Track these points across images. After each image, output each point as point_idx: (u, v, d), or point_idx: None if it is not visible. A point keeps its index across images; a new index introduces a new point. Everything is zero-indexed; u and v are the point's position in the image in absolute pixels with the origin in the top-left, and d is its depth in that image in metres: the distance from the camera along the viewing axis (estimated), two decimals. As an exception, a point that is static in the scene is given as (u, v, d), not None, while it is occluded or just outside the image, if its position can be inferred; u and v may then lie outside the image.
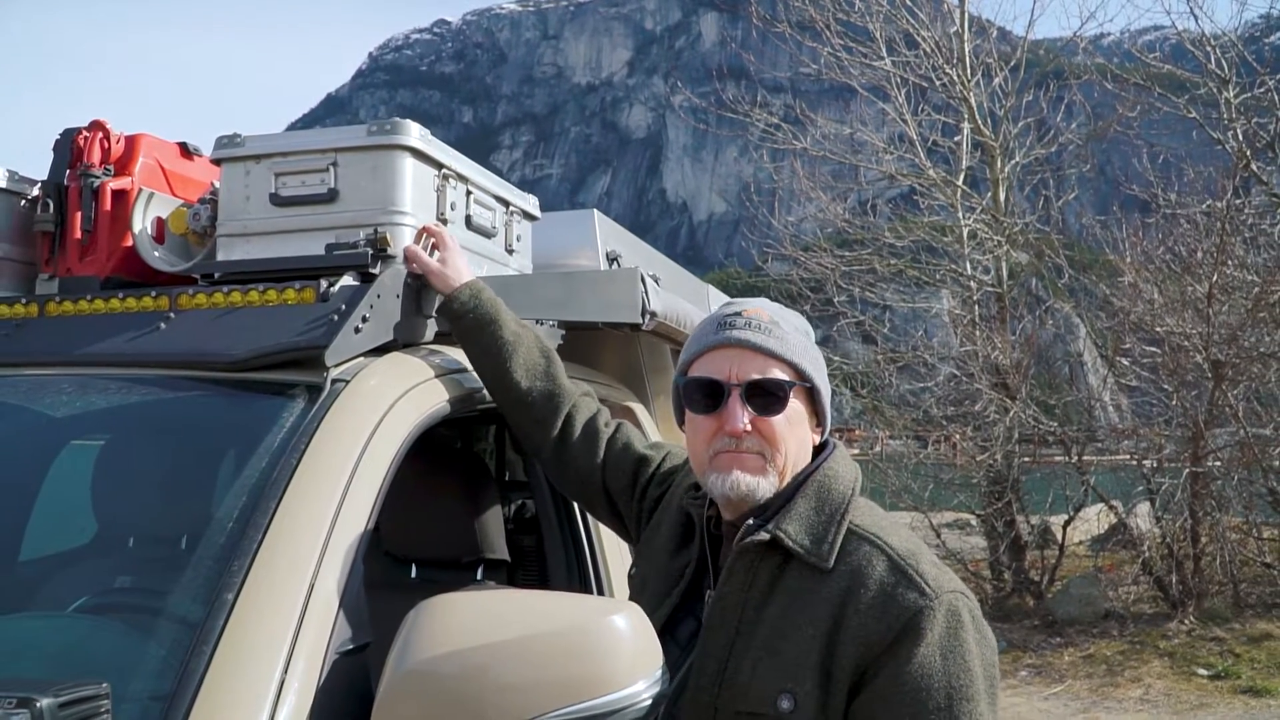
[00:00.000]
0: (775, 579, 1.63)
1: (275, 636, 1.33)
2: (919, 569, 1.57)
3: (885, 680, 1.51)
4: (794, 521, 1.63)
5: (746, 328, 1.70)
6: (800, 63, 13.96)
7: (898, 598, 1.54)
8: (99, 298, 2.07)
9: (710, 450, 1.69)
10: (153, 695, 1.27)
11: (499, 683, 1.29)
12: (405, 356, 1.98)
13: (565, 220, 2.95)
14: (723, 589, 1.65)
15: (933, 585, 1.55)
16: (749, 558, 1.64)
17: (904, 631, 1.51)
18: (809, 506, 1.66)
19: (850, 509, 1.66)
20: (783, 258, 13.55)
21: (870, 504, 1.73)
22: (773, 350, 1.68)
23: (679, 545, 1.82)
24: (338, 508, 1.52)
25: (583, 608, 1.39)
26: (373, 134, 2.06)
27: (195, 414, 1.89)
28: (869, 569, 1.57)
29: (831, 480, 1.70)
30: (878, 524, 1.66)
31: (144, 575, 1.69)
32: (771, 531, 1.62)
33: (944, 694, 1.48)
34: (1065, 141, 12.86)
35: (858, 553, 1.60)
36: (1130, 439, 11.21)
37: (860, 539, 1.62)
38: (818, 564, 1.59)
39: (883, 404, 12.50)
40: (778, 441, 1.67)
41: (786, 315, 1.78)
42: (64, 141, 2.38)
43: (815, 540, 1.62)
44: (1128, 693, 7.89)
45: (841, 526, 1.63)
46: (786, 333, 1.72)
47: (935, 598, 1.53)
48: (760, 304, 1.79)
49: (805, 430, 1.73)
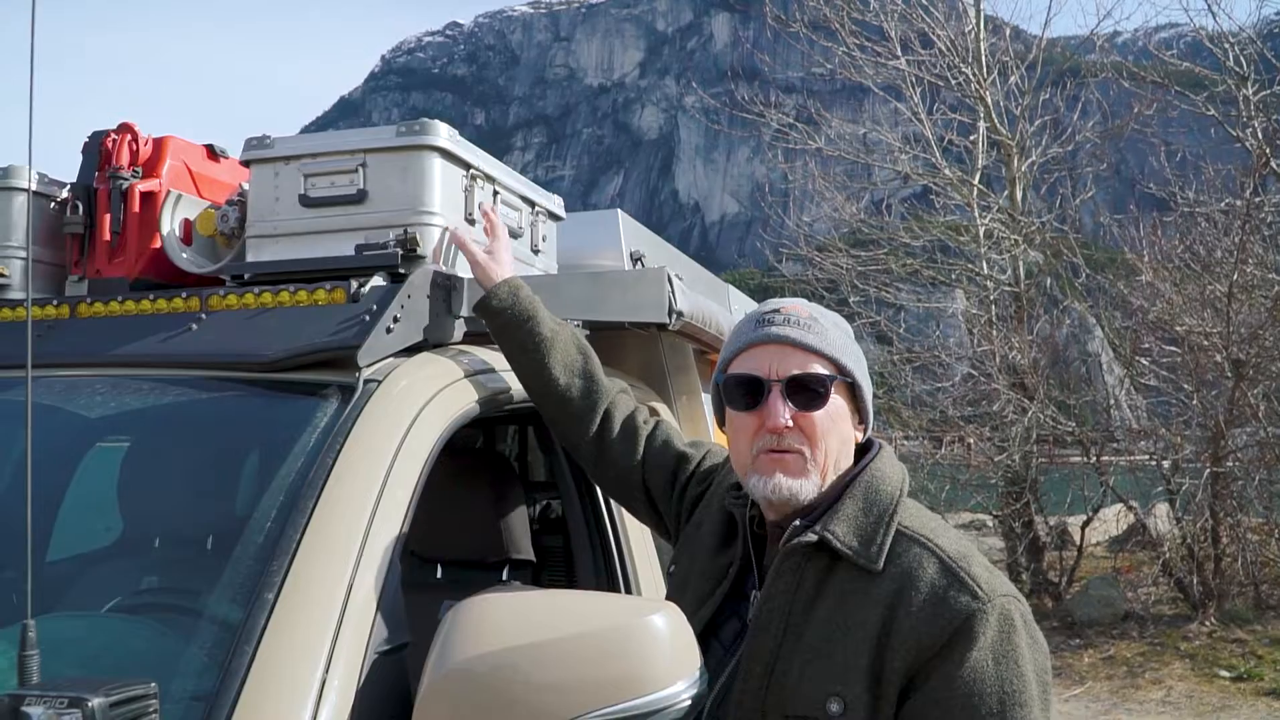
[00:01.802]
0: (823, 581, 1.61)
1: (316, 636, 1.33)
2: (971, 572, 1.55)
3: (937, 684, 1.49)
4: (842, 523, 1.62)
5: (785, 324, 1.69)
6: (814, 62, 13.93)
7: (950, 601, 1.52)
8: (130, 299, 2.08)
9: (753, 449, 1.67)
10: (195, 695, 1.27)
11: (538, 683, 1.29)
12: (435, 357, 1.98)
13: (589, 220, 2.96)
14: (769, 590, 1.63)
15: (985, 588, 1.53)
16: (796, 559, 1.62)
17: (956, 635, 1.50)
18: (857, 507, 1.64)
19: (899, 510, 1.64)
20: (797, 258, 13.52)
21: (918, 505, 1.70)
22: (812, 345, 1.67)
23: (721, 545, 1.81)
24: (374, 507, 1.52)
25: (621, 607, 1.39)
26: (402, 134, 2.06)
27: (229, 414, 1.90)
28: (920, 571, 1.56)
29: (879, 481, 1.68)
30: (927, 525, 1.64)
31: (181, 575, 1.69)
32: (819, 533, 1.60)
33: (997, 698, 1.47)
34: (1082, 140, 12.79)
35: (907, 554, 1.58)
36: (1149, 439, 11.13)
37: (910, 540, 1.60)
38: (867, 565, 1.58)
39: (898, 404, 12.45)
40: (819, 437, 1.65)
41: (826, 313, 1.77)
42: (92, 144, 2.39)
43: (864, 542, 1.60)
44: (1149, 694, 7.84)
45: (890, 528, 1.61)
46: (826, 328, 1.71)
47: (988, 601, 1.52)
48: (798, 302, 1.77)
49: (847, 426, 1.71)
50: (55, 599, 1.78)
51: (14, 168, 2.37)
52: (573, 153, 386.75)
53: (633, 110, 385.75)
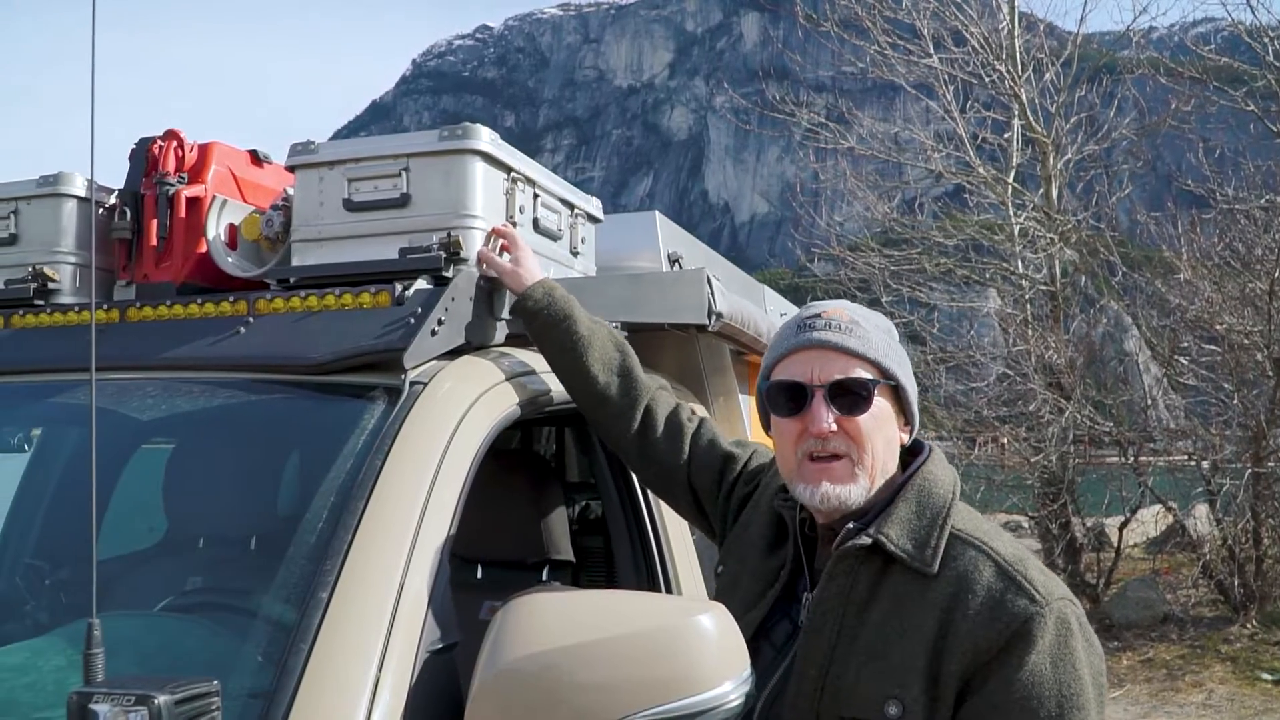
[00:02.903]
0: (877, 584, 1.61)
1: (369, 635, 1.35)
2: (1028, 575, 1.55)
3: (995, 687, 1.50)
4: (895, 525, 1.62)
5: (827, 328, 1.69)
6: (844, 61, 13.86)
7: (1007, 604, 1.52)
8: (178, 303, 2.11)
9: (798, 454, 1.68)
10: (251, 693, 1.29)
11: (587, 683, 1.30)
12: (478, 359, 2.00)
13: (627, 222, 2.97)
14: (822, 593, 1.64)
15: (1043, 592, 1.53)
16: (849, 562, 1.62)
17: (1014, 638, 1.50)
18: (910, 510, 1.64)
19: (952, 513, 1.64)
20: (828, 257, 13.46)
21: (970, 509, 1.71)
22: (854, 349, 1.67)
23: (771, 547, 1.81)
24: (423, 508, 1.54)
25: (669, 608, 1.39)
26: (444, 139, 2.08)
27: (278, 415, 1.92)
28: (976, 574, 1.56)
29: (932, 484, 1.68)
30: (981, 529, 1.64)
31: (232, 575, 1.72)
32: (873, 536, 1.60)
33: (1055, 702, 1.47)
34: (1118, 137, 12.63)
35: (963, 558, 1.59)
36: (1187, 439, 10.98)
37: (964, 544, 1.60)
38: (921, 569, 1.58)
39: (931, 404, 12.36)
40: (864, 441, 1.65)
41: (868, 315, 1.76)
42: (139, 150, 2.43)
43: (918, 545, 1.60)
44: (1189, 697, 7.74)
45: (944, 531, 1.61)
46: (868, 331, 1.70)
47: (1045, 605, 1.52)
48: (840, 305, 1.77)
49: (893, 429, 1.71)
50: (105, 598, 1.82)
51: (64, 174, 2.41)
52: (602, 154, 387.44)
53: (662, 111, 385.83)
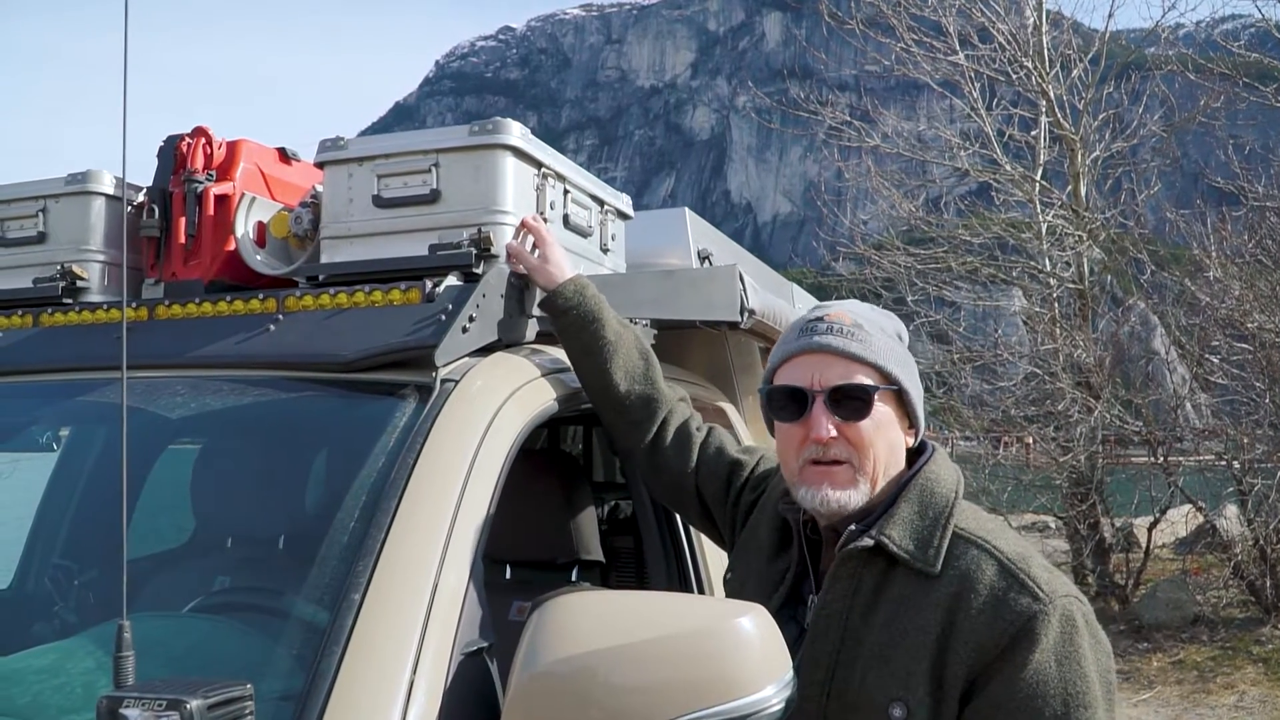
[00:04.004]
0: (880, 585, 1.60)
1: (403, 636, 1.32)
2: (1030, 573, 1.54)
3: (999, 687, 1.48)
4: (898, 526, 1.61)
5: (828, 332, 1.67)
6: (869, 59, 13.76)
7: (1010, 603, 1.50)
8: (207, 301, 2.09)
9: (799, 460, 1.67)
10: (284, 695, 1.27)
11: (626, 685, 1.27)
12: (509, 356, 1.98)
13: (656, 219, 2.94)
14: (826, 596, 1.63)
15: (1046, 589, 1.52)
16: (852, 564, 1.62)
17: (1018, 637, 1.48)
18: (912, 510, 1.63)
19: (955, 512, 1.63)
20: (852, 257, 13.36)
21: (974, 507, 1.69)
22: (855, 354, 1.65)
23: (777, 550, 1.80)
24: (456, 507, 1.51)
25: (708, 610, 1.36)
26: (474, 134, 2.06)
27: (308, 414, 1.90)
28: (978, 573, 1.55)
29: (934, 483, 1.67)
30: (984, 527, 1.63)
31: (263, 575, 1.70)
32: (875, 537, 1.59)
33: (1060, 700, 1.45)
34: (1146, 134, 12.48)
35: (965, 557, 1.57)
36: (1217, 439, 10.85)
37: (967, 543, 1.59)
38: (924, 569, 1.57)
39: (957, 404, 12.26)
40: (865, 447, 1.64)
41: (874, 317, 1.74)
42: (168, 148, 2.41)
43: (920, 545, 1.59)
44: (1220, 700, 7.63)
45: (947, 530, 1.60)
46: (871, 335, 1.69)
47: (1049, 602, 1.50)
48: (846, 307, 1.75)
49: (896, 433, 1.69)
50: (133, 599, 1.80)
51: (93, 172, 2.41)
52: (625, 154, 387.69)
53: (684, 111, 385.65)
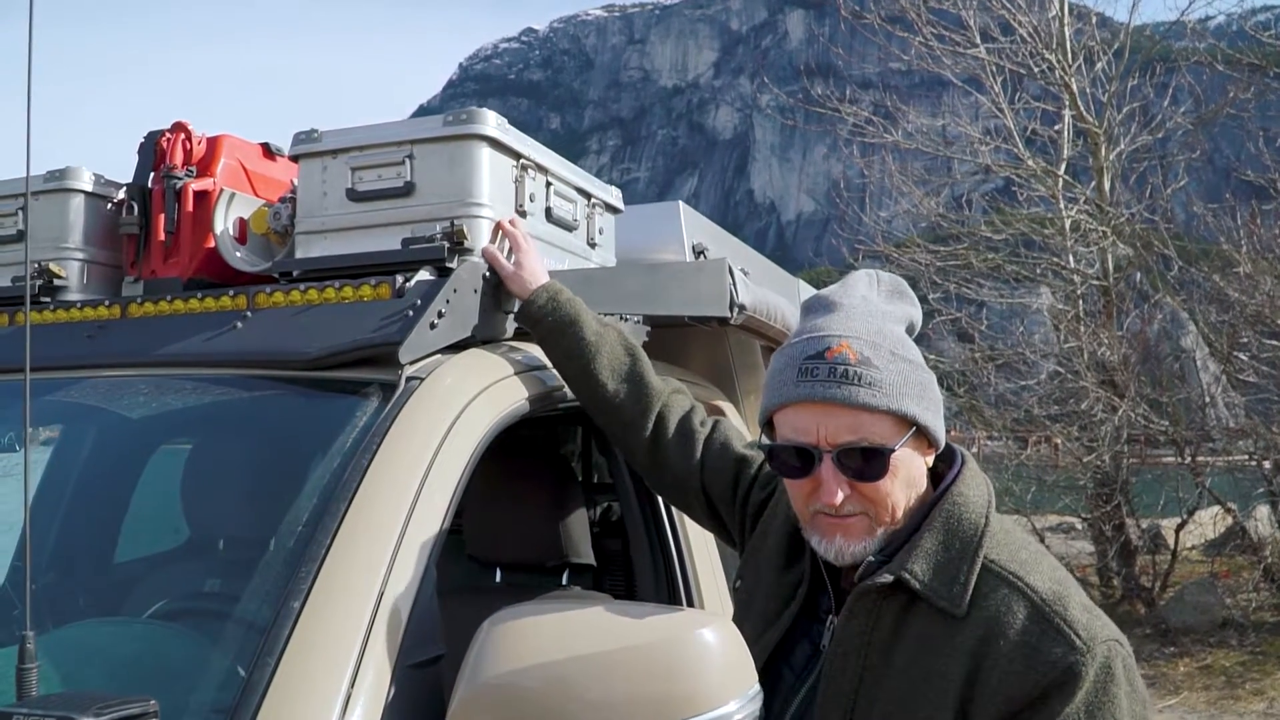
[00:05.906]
0: (901, 622, 1.46)
1: (342, 648, 1.25)
2: (1067, 616, 1.39)
3: None
4: (920, 560, 1.46)
5: (831, 378, 1.45)
6: (891, 56, 13.62)
7: (1044, 652, 1.36)
8: (179, 298, 2.05)
9: (809, 509, 1.52)
10: (214, 708, 1.21)
11: (579, 701, 1.19)
12: (483, 353, 1.91)
13: (650, 213, 2.87)
14: (842, 633, 1.49)
15: (1084, 636, 1.37)
16: (871, 598, 1.47)
17: (1050, 689, 1.35)
18: (936, 541, 1.48)
19: (985, 542, 1.47)
20: (875, 255, 13.23)
21: (1007, 530, 1.53)
22: (865, 404, 1.44)
23: (788, 561, 1.67)
24: (410, 510, 1.44)
25: (669, 621, 1.28)
26: (449, 124, 2.00)
27: (270, 414, 1.85)
28: (1009, 617, 1.40)
29: (961, 509, 1.51)
30: (1017, 558, 1.47)
31: (213, 580, 1.64)
32: (895, 573, 1.45)
33: None
34: (1173, 127, 12.27)
35: (995, 596, 1.42)
36: (1248, 438, 10.63)
37: (998, 579, 1.44)
38: (949, 609, 1.42)
39: (980, 403, 12.10)
40: (883, 501, 1.48)
41: (882, 334, 1.51)
42: (148, 144, 2.37)
43: (945, 582, 1.44)
44: (1250, 706, 7.46)
45: (975, 564, 1.45)
46: (881, 370, 1.46)
47: (1087, 651, 1.36)
48: (850, 328, 1.51)
49: (916, 468, 1.52)
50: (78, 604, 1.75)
51: (71, 169, 2.37)
52: (648, 155, 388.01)
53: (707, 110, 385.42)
